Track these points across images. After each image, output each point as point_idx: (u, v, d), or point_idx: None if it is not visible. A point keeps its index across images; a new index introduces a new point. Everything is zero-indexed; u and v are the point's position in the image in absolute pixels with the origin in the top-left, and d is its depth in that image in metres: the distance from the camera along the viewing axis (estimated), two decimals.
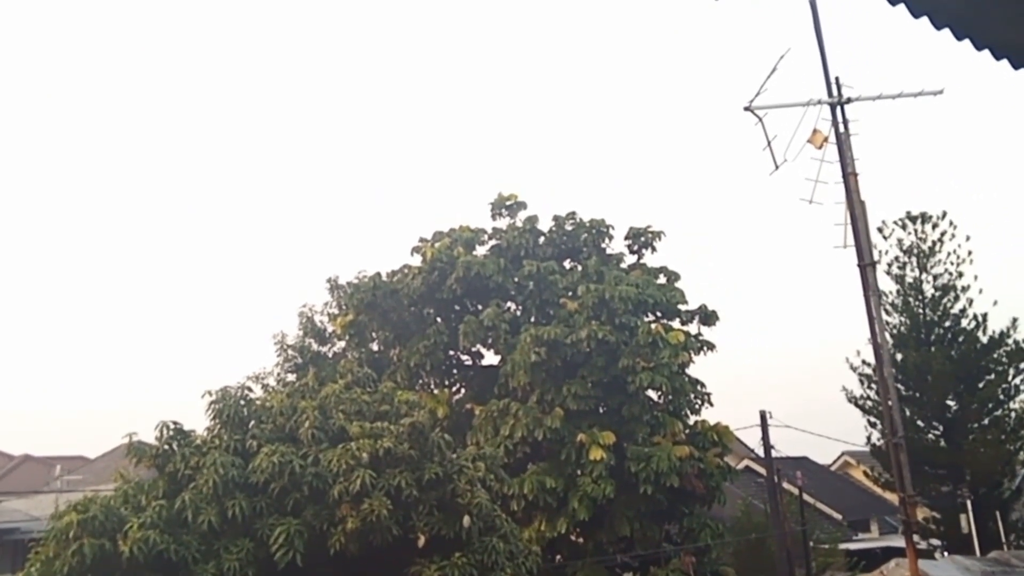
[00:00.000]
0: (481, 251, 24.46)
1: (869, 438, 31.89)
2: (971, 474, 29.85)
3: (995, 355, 30.46)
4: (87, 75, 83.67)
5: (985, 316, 30.45)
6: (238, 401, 14.68)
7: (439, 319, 24.13)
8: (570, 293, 23.15)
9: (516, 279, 23.58)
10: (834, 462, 48.77)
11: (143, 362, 71.44)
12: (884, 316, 29.60)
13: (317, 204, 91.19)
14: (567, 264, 24.86)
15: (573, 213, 25.06)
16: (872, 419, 31.24)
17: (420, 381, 24.30)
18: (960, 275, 30.77)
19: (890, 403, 7.38)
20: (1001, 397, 30.34)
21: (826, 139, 7.69)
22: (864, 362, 31.08)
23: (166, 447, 13.85)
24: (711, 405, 23.31)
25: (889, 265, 31.24)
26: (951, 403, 30.67)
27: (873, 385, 30.69)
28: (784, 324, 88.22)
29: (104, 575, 11.99)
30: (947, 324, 31.08)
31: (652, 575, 20.88)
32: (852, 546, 33.79)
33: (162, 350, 72.55)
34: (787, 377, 79.92)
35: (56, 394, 69.15)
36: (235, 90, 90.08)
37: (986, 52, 5.18)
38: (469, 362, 25.21)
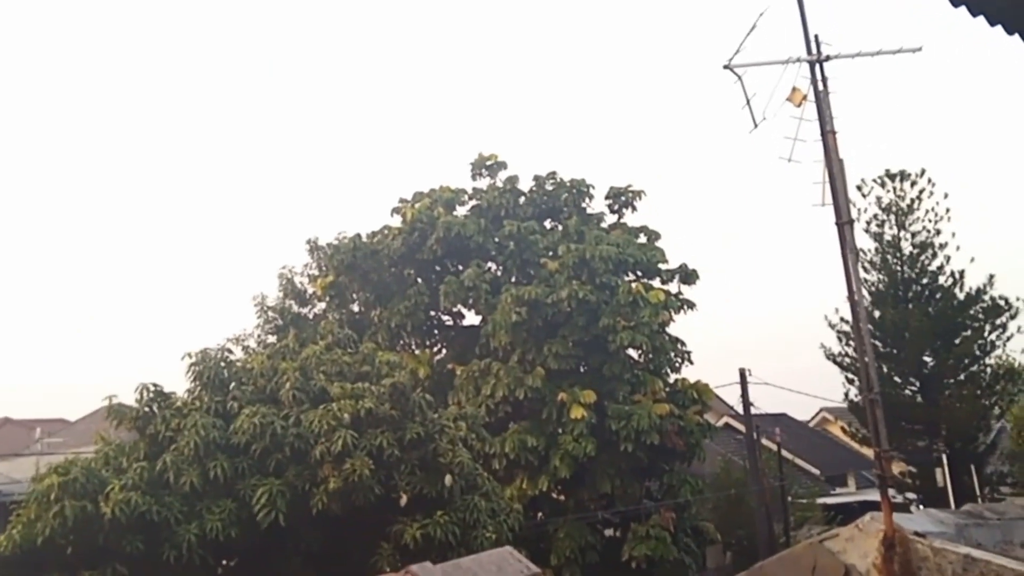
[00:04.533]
0: (461, 211, 24.39)
1: (847, 394, 32.34)
2: (947, 429, 30.33)
3: (972, 311, 30.78)
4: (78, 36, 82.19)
5: (962, 273, 30.76)
6: (218, 363, 14.63)
7: (420, 280, 24.09)
8: (551, 253, 23.15)
9: (496, 239, 23.53)
10: (813, 418, 49.26)
11: (123, 328, 70.94)
12: (862, 274, 29.93)
13: (296, 166, 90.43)
14: (548, 224, 24.83)
15: (553, 173, 25.00)
16: (850, 376, 31.58)
17: (401, 342, 24.31)
18: (938, 232, 31.03)
19: (867, 359, 7.42)
20: (977, 353, 30.72)
21: (805, 97, 7.63)
22: (842, 319, 31.42)
23: (146, 409, 13.81)
24: (691, 363, 23.57)
25: (868, 223, 31.46)
26: (928, 359, 31.04)
27: (851, 342, 30.98)
28: (763, 284, 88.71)
29: (86, 537, 11.99)
30: (924, 281, 31.37)
31: (633, 531, 21.14)
32: (830, 500, 34.27)
33: (142, 315, 72.07)
34: (767, 337, 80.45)
35: (35, 360, 68.60)
36: (211, 53, 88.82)
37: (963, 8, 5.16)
38: (450, 322, 25.25)
